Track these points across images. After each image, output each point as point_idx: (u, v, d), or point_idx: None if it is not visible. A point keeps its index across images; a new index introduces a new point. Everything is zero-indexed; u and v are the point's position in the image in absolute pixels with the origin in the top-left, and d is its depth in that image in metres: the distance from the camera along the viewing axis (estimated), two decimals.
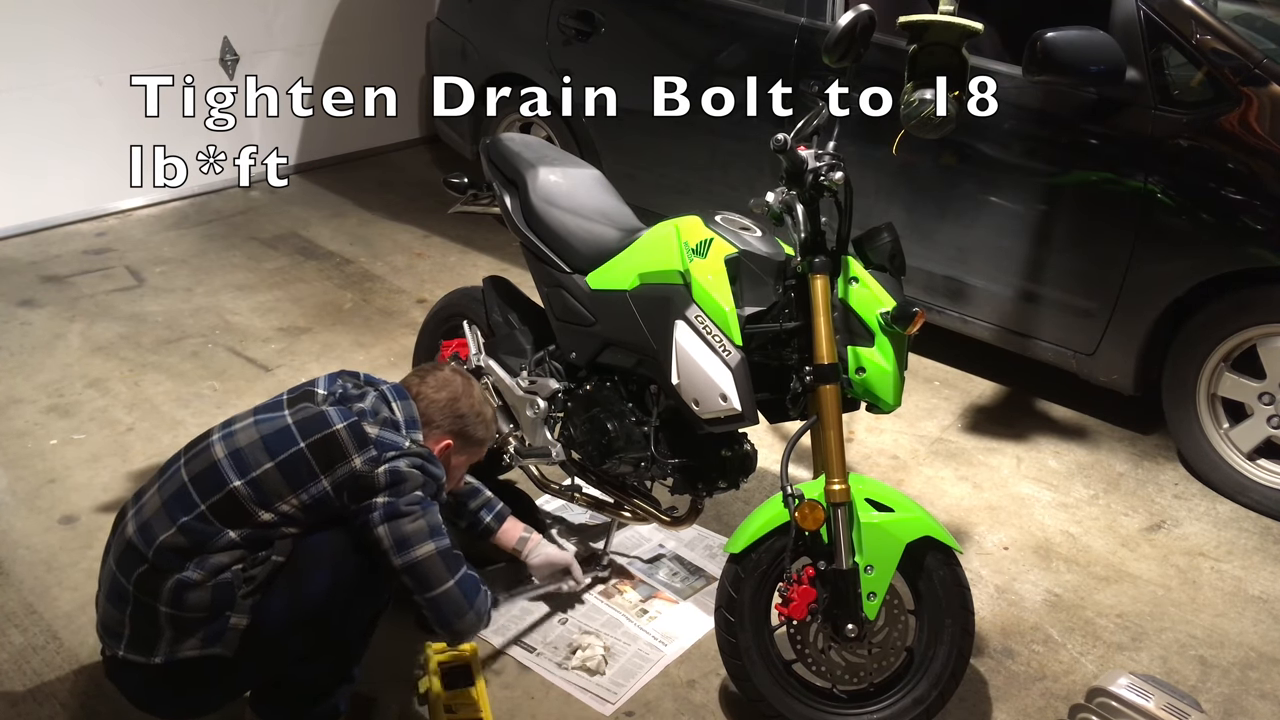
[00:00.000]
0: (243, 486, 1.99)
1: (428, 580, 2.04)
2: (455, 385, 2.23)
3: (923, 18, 2.55)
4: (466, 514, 2.50)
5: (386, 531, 2.01)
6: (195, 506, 1.99)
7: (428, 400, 2.19)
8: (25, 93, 4.57)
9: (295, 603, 2.00)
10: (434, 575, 2.04)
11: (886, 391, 2.19)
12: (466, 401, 2.23)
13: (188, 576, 1.96)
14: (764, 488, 3.07)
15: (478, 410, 2.25)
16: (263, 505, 1.99)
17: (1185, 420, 3.19)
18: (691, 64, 3.99)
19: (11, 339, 3.86)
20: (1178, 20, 2.98)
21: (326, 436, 2.02)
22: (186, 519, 1.98)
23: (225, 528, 1.98)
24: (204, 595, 1.96)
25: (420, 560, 2.02)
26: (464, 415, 2.22)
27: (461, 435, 2.23)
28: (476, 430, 2.25)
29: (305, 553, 2.02)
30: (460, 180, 2.91)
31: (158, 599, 1.96)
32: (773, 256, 2.29)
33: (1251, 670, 2.56)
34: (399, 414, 2.14)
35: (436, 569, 2.04)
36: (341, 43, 5.51)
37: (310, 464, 2.01)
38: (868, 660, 2.23)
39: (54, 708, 2.35)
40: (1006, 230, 3.34)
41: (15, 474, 3.13)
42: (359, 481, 2.01)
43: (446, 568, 2.05)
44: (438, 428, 2.20)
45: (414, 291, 4.34)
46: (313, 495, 2.01)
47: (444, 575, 2.04)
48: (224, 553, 1.98)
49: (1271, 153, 2.85)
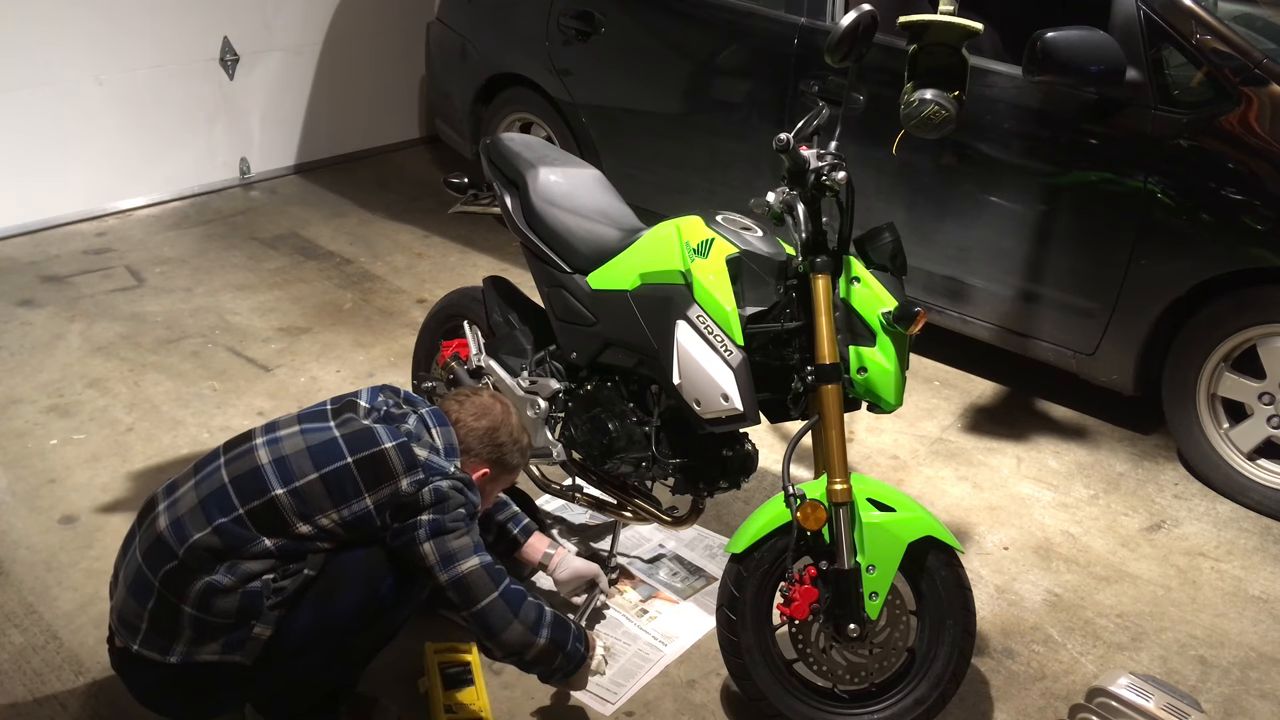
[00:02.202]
0: (285, 495, 1.98)
1: (473, 594, 2.05)
2: (495, 414, 2.22)
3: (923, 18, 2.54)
4: (493, 527, 2.50)
5: (432, 548, 2.02)
6: (234, 509, 1.97)
7: (467, 428, 2.19)
8: (25, 92, 4.57)
9: (321, 619, 2.00)
10: (479, 588, 2.05)
11: (888, 391, 2.19)
12: (505, 430, 2.22)
13: (218, 580, 1.94)
14: (765, 488, 3.07)
15: (515, 439, 2.25)
16: (303, 517, 1.98)
17: (1185, 420, 3.19)
18: (692, 64, 3.99)
19: (11, 339, 3.86)
20: (1178, 20, 2.99)
21: (375, 455, 2.02)
22: (224, 520, 1.96)
23: (261, 535, 1.97)
24: (232, 602, 1.94)
25: (465, 574, 2.04)
26: (503, 445, 2.22)
27: (499, 464, 2.23)
28: (513, 458, 2.25)
29: (337, 570, 2.01)
30: (460, 180, 2.91)
31: (184, 599, 1.94)
32: (774, 256, 2.30)
33: (1251, 670, 2.56)
34: (439, 440, 2.13)
35: (482, 582, 2.05)
36: (341, 43, 5.51)
37: (356, 480, 2.00)
38: (869, 660, 2.23)
39: (54, 708, 2.35)
40: (1006, 230, 3.34)
41: (15, 474, 3.13)
42: (402, 501, 2.01)
43: (491, 580, 2.06)
44: (476, 455, 2.19)
45: (414, 291, 4.33)
46: (354, 512, 2.00)
47: (490, 587, 2.06)
48: (257, 560, 1.96)
49: (1271, 153, 2.85)
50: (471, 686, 2.38)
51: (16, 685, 2.40)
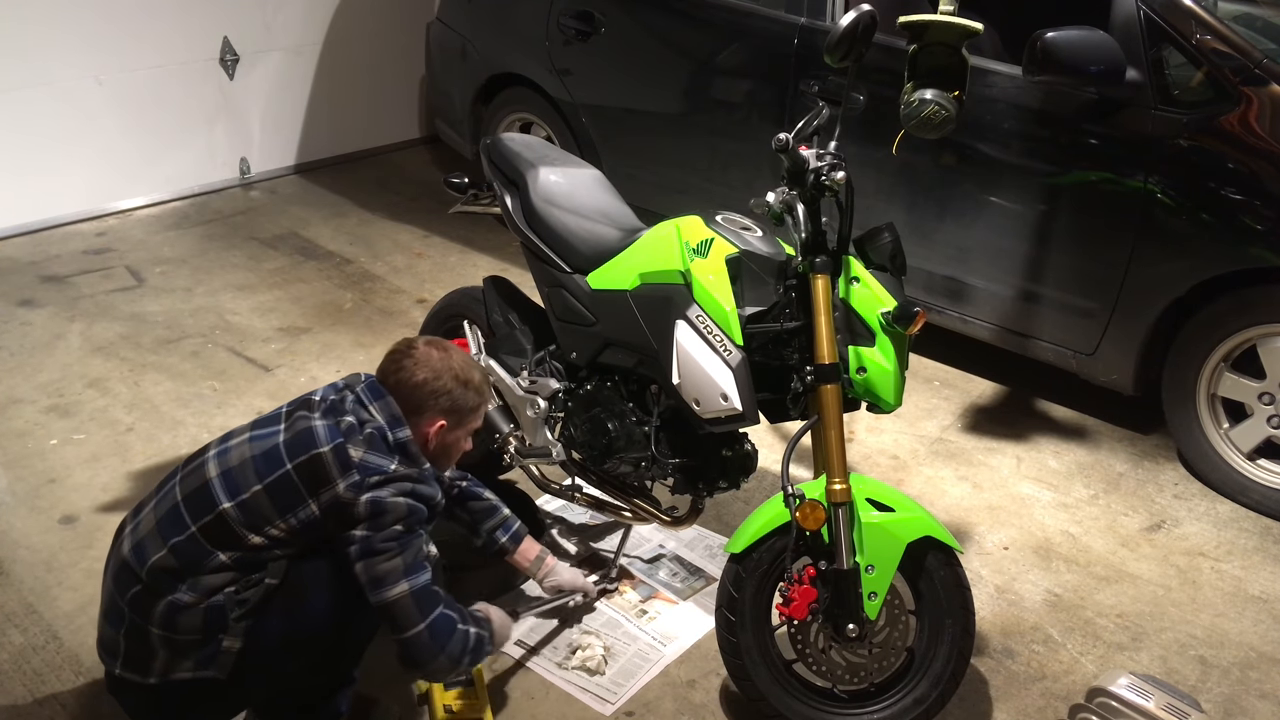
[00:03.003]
0: (232, 509, 1.96)
1: (398, 622, 1.98)
2: (433, 361, 2.08)
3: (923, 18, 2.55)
4: (482, 533, 2.44)
5: (362, 569, 1.96)
6: (187, 528, 1.96)
7: (409, 386, 2.07)
8: (26, 92, 4.57)
9: (291, 626, 1.98)
10: (405, 617, 1.97)
11: (887, 391, 2.19)
12: (448, 376, 2.08)
13: (179, 599, 1.93)
14: (764, 488, 3.07)
15: (463, 379, 2.10)
16: (252, 528, 1.96)
17: (1185, 420, 3.19)
18: (692, 64, 3.99)
19: (11, 339, 3.86)
20: (1178, 20, 2.99)
21: (312, 459, 1.97)
22: (178, 539, 1.95)
23: (216, 550, 1.95)
24: (195, 618, 1.93)
25: (392, 601, 1.97)
26: (450, 391, 2.08)
27: (453, 411, 2.10)
28: (468, 400, 2.11)
29: (301, 575, 1.99)
30: (460, 180, 2.91)
31: (150, 621, 1.94)
32: (774, 256, 2.30)
33: (1251, 670, 2.56)
34: (379, 415, 2.04)
35: (408, 611, 1.97)
36: (341, 43, 5.51)
37: (298, 486, 1.96)
38: (868, 660, 2.23)
39: (54, 708, 2.35)
40: (1006, 230, 3.34)
41: (15, 474, 3.13)
42: (342, 508, 1.96)
43: (418, 609, 1.98)
44: (427, 411, 2.08)
45: (414, 291, 4.33)
46: (301, 519, 1.97)
47: (415, 618, 1.98)
48: (216, 574, 1.95)
49: (1271, 153, 2.85)
50: (471, 686, 2.38)
51: (16, 685, 2.40)
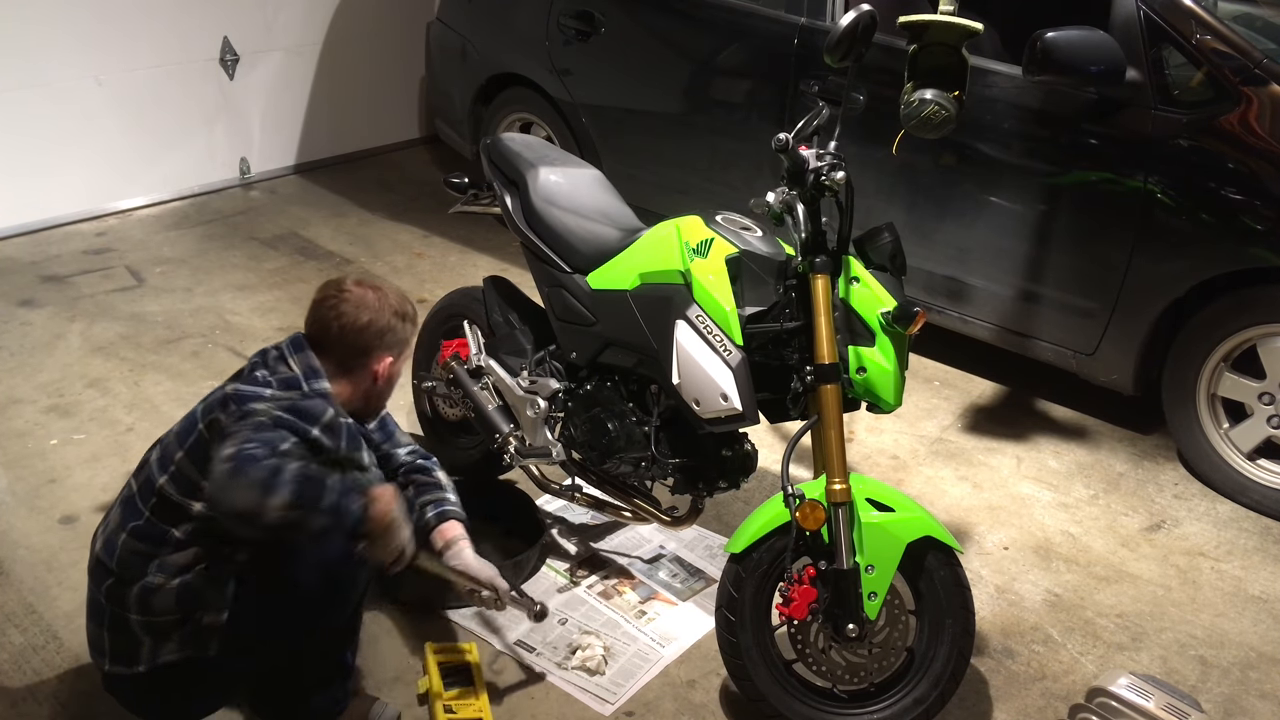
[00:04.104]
0: (167, 483, 2.01)
1: (215, 479, 1.82)
2: (370, 300, 2.12)
3: (923, 18, 2.55)
4: (414, 509, 2.33)
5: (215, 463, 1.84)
6: (141, 513, 2.02)
7: (354, 330, 2.08)
8: (25, 93, 4.57)
9: (275, 597, 2.00)
10: (217, 462, 1.83)
11: (887, 391, 2.19)
12: (389, 311, 2.13)
13: (150, 581, 1.98)
14: (764, 488, 3.07)
15: (400, 312, 2.16)
16: (189, 496, 1.99)
17: (1185, 420, 3.19)
18: (692, 64, 3.99)
19: (11, 339, 3.86)
20: (1178, 20, 2.99)
21: (212, 408, 2.01)
22: (136, 524, 2.02)
23: (169, 527, 2.00)
24: (168, 598, 1.98)
25: (216, 459, 1.84)
26: (394, 328, 2.14)
27: (398, 345, 2.16)
28: (407, 332, 2.18)
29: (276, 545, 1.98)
30: (460, 180, 2.91)
31: (127, 608, 1.99)
32: (773, 256, 2.30)
33: (1251, 670, 2.56)
34: (296, 368, 2.06)
35: (221, 455, 1.83)
36: (341, 43, 5.51)
37: (208, 443, 1.98)
38: (868, 660, 2.23)
39: (54, 708, 2.35)
40: (1006, 230, 3.34)
41: (15, 474, 3.13)
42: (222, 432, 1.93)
43: (235, 451, 1.82)
44: (374, 350, 2.12)
45: (414, 291, 4.33)
46: None
47: (225, 457, 1.82)
48: (179, 551, 1.99)
49: (1271, 153, 2.85)
50: (471, 686, 2.38)
51: (16, 685, 2.40)
